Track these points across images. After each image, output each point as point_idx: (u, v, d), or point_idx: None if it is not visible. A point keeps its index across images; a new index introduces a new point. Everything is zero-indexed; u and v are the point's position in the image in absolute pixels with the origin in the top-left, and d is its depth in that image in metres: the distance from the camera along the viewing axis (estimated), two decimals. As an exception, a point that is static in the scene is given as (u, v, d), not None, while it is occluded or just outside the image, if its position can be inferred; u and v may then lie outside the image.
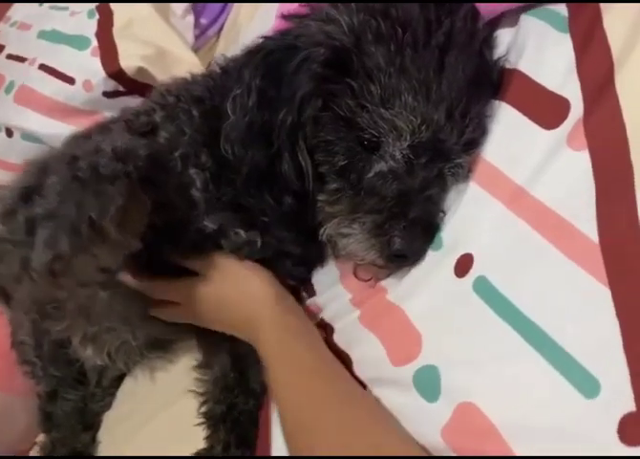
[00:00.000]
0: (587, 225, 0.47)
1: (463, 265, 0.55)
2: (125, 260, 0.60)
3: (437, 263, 0.58)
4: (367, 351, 0.60)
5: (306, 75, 0.58)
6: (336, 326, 0.67)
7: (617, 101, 0.49)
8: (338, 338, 0.66)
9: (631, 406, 0.40)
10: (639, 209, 0.43)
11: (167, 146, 0.66)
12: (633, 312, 0.42)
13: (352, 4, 0.60)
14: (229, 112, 0.62)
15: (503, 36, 0.63)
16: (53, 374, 0.89)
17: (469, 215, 0.56)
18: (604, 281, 0.44)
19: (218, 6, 1.30)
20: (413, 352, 0.55)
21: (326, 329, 0.68)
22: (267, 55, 0.61)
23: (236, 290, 0.68)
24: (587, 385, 0.43)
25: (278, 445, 0.65)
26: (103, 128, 0.73)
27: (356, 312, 0.64)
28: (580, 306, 0.46)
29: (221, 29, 1.30)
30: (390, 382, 0.57)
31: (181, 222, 0.66)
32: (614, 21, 0.53)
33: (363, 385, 0.60)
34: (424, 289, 0.58)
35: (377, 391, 0.58)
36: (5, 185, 0.55)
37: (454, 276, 0.55)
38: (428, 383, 0.53)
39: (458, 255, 0.56)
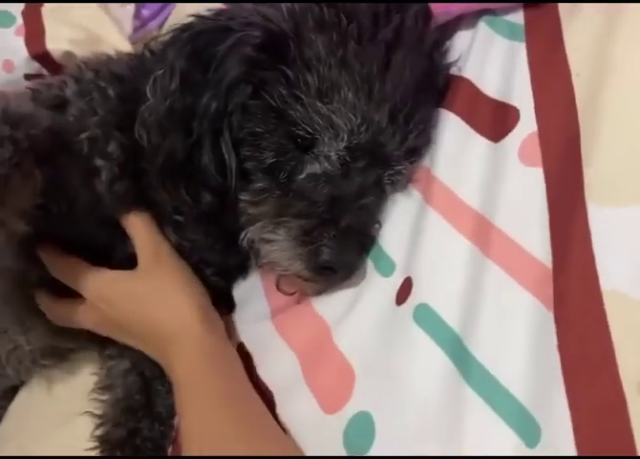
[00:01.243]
0: (543, 251, 0.43)
1: (403, 291, 0.50)
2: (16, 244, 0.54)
3: (381, 289, 0.53)
4: (295, 397, 0.54)
5: (236, 58, 0.52)
6: (255, 353, 0.61)
7: (575, 114, 0.45)
8: (260, 369, 0.59)
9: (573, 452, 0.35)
10: (592, 232, 0.40)
11: (75, 125, 0.59)
12: (574, 345, 0.38)
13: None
14: (148, 94, 0.55)
15: (457, 42, 0.61)
16: None
17: (433, 251, 0.51)
18: (549, 306, 0.40)
19: (162, -2, 1.24)
20: (344, 394, 0.50)
21: (246, 358, 0.61)
22: (196, 36, 0.55)
23: (163, 297, 0.62)
24: (529, 431, 0.38)
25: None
26: (3, 95, 0.66)
27: (280, 339, 0.59)
28: (520, 332, 0.42)
29: (163, 24, 1.23)
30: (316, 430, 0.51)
31: (83, 213, 0.60)
32: (574, 32, 0.50)
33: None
34: (361, 315, 0.53)
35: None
36: None
37: (394, 304, 0.51)
38: (361, 434, 0.47)
39: (402, 280, 0.51)
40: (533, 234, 0.44)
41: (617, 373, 0.34)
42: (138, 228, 0.63)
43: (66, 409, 0.75)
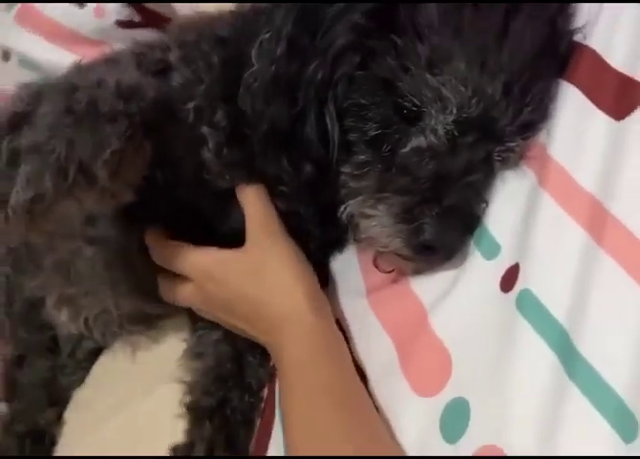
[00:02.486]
0: None
1: (509, 277, 0.56)
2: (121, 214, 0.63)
3: (483, 272, 0.59)
4: (388, 379, 0.61)
5: (345, 25, 0.59)
6: (350, 330, 0.68)
7: None
8: (356, 347, 0.67)
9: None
10: None
11: (180, 93, 0.68)
12: None
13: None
14: (253, 59, 0.63)
15: (585, 6, 0.64)
16: (22, 337, 0.93)
17: (545, 239, 0.55)
18: None
19: None
20: (440, 380, 0.56)
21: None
22: None
23: (273, 278, 0.68)
24: (628, 429, 0.44)
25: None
26: (110, 59, 0.75)
27: (375, 319, 0.66)
28: (630, 330, 0.47)
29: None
30: (411, 413, 0.58)
31: (188, 182, 0.68)
32: None
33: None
34: (460, 299, 0.59)
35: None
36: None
37: (498, 290, 0.56)
38: (455, 421, 0.54)
39: (508, 265, 0.57)
40: None
41: None
42: (251, 198, 0.70)
43: (150, 377, 0.86)
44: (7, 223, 0.51)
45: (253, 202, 0.70)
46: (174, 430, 0.77)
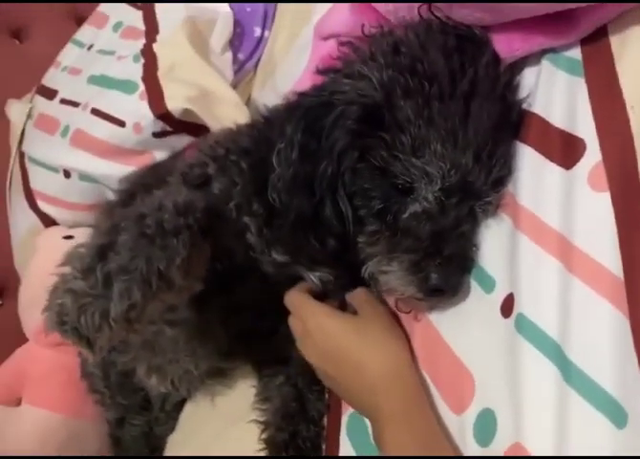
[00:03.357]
0: (615, 264, 0.51)
1: (507, 304, 0.60)
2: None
3: (486, 303, 0.63)
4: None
5: (342, 130, 0.64)
6: None
7: (632, 143, 0.54)
8: None
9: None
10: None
11: (222, 197, 0.73)
12: None
13: (381, 60, 0.66)
14: (275, 164, 0.68)
15: (525, 79, 0.68)
16: (120, 402, 0.98)
17: (528, 270, 0.59)
18: (626, 314, 0.49)
19: (253, 40, 1.37)
20: (467, 395, 0.60)
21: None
22: (306, 112, 0.67)
23: (376, 339, 0.68)
24: (618, 416, 0.47)
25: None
26: (161, 181, 0.80)
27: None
28: (605, 337, 0.50)
29: (257, 62, 1.37)
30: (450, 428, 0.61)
31: (242, 266, 0.73)
32: (626, 67, 0.57)
33: None
34: (472, 327, 0.63)
35: None
36: (82, 244, 0.63)
37: (500, 317, 0.60)
38: (486, 428, 0.57)
39: (504, 295, 0.61)
40: (607, 251, 0.52)
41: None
42: (357, 292, 0.73)
43: (227, 418, 0.90)
44: (111, 331, 0.57)
45: (359, 291, 0.73)
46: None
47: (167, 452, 0.98)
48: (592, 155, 0.57)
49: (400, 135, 0.62)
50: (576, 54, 0.63)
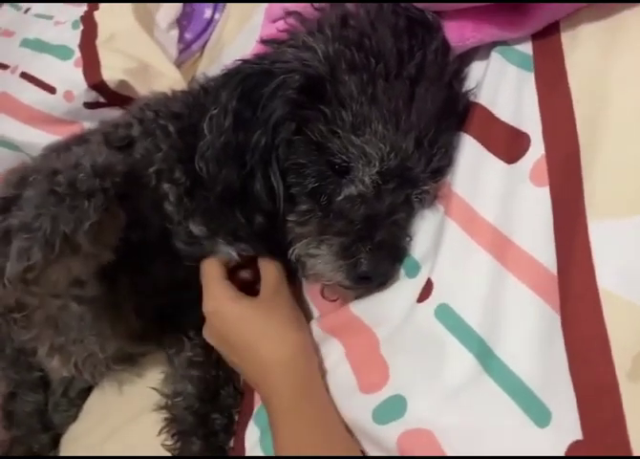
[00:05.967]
0: (549, 259, 0.50)
1: (425, 290, 0.58)
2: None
3: (405, 289, 0.61)
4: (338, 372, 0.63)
5: (281, 99, 0.60)
6: None
7: (577, 140, 0.52)
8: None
9: (578, 435, 0.42)
10: (592, 244, 0.46)
11: (143, 162, 0.68)
12: (577, 341, 0.45)
13: (329, 32, 0.63)
14: (205, 131, 0.64)
15: (473, 70, 0.67)
16: (12, 376, 0.91)
17: (452, 259, 0.58)
18: (556, 309, 0.47)
19: (202, 21, 1.33)
20: (381, 378, 0.58)
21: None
22: (244, 79, 0.63)
23: (274, 328, 0.66)
24: (539, 415, 0.45)
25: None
26: (82, 140, 0.75)
27: (327, 334, 0.67)
28: (534, 333, 0.49)
29: (205, 44, 1.33)
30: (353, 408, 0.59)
31: (158, 239, 0.68)
32: (574, 63, 0.56)
33: None
34: (391, 313, 0.61)
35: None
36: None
37: (415, 302, 0.58)
38: (391, 410, 0.55)
39: (424, 281, 0.59)
40: (542, 246, 0.51)
41: (612, 363, 0.41)
42: (270, 267, 0.71)
43: (136, 407, 0.84)
44: (4, 290, 0.51)
45: (271, 269, 0.71)
46: (162, 453, 0.76)
47: (68, 441, 0.91)
48: (536, 150, 0.55)
49: (341, 110, 0.60)
50: (527, 48, 0.62)
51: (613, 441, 0.40)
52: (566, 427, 0.43)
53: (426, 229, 0.63)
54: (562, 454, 0.42)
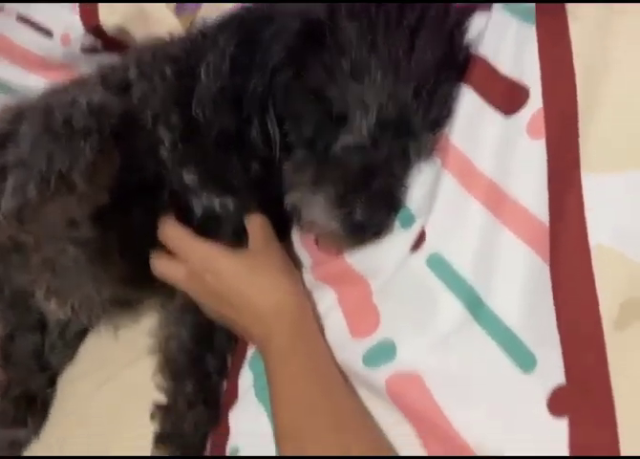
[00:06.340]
0: (542, 211, 0.50)
1: (418, 240, 0.58)
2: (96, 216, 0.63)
3: (400, 239, 0.61)
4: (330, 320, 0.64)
5: (279, 45, 0.60)
6: None
7: (575, 94, 0.51)
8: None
9: (562, 380, 0.43)
10: (585, 197, 0.46)
11: (139, 105, 0.67)
12: (565, 291, 0.45)
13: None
14: (203, 75, 0.63)
15: (475, 22, 0.65)
16: (10, 318, 0.91)
17: (446, 210, 0.58)
18: (546, 260, 0.48)
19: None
20: (371, 324, 0.58)
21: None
22: (243, 24, 0.63)
23: (267, 278, 0.66)
24: (525, 361, 0.46)
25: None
26: (79, 82, 0.74)
27: (320, 283, 0.67)
28: (524, 283, 0.49)
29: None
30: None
31: (152, 182, 0.68)
32: (577, 16, 0.55)
33: None
34: (384, 262, 0.61)
35: None
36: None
37: (409, 252, 0.58)
38: (380, 354, 0.56)
39: (418, 231, 0.59)
40: (536, 198, 0.51)
41: (599, 312, 0.42)
42: (258, 221, 0.70)
43: (131, 351, 0.85)
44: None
45: (259, 222, 0.70)
46: (157, 397, 0.77)
47: (65, 383, 0.92)
48: (534, 103, 0.55)
49: (340, 57, 0.59)
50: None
51: (595, 386, 0.40)
52: (551, 373, 0.44)
53: (422, 182, 0.63)
54: (545, 398, 0.43)
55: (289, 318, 0.63)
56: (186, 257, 0.69)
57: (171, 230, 0.70)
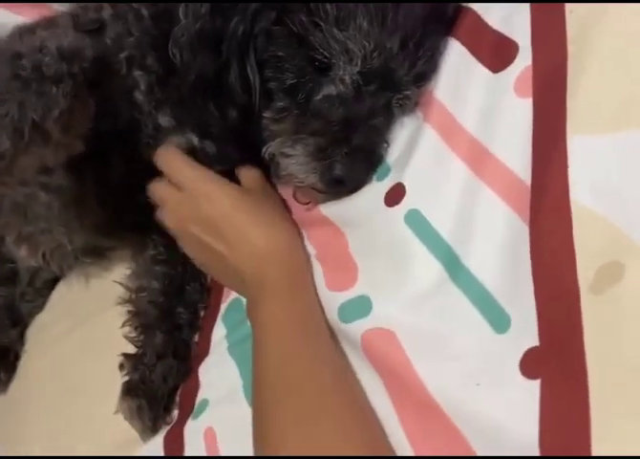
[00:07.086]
0: (525, 171, 0.49)
1: (394, 194, 0.57)
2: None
3: (373, 191, 0.60)
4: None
5: None
6: None
7: (565, 52, 0.50)
8: None
9: (535, 341, 0.43)
10: (569, 158, 0.45)
11: (113, 47, 0.64)
12: (543, 252, 0.44)
13: None
14: (181, 16, 0.60)
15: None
16: None
17: (426, 165, 0.56)
18: (526, 220, 0.47)
19: None
20: (349, 279, 0.57)
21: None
22: None
23: (264, 215, 0.64)
24: (500, 321, 0.46)
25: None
26: (50, 23, 0.71)
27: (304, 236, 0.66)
28: (502, 243, 0.48)
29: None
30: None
31: (127, 129, 0.66)
32: None
33: None
34: (356, 214, 0.60)
35: None
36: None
37: (383, 205, 0.57)
38: (356, 309, 0.55)
39: (392, 184, 0.58)
40: (519, 158, 0.50)
41: (576, 275, 0.41)
42: (251, 173, 0.68)
43: (101, 300, 0.84)
44: None
45: (252, 171, 0.68)
46: (126, 345, 0.76)
47: (31, 331, 0.91)
48: (523, 60, 0.53)
49: (325, 2, 0.56)
50: None
51: (568, 349, 0.40)
52: (524, 334, 0.43)
53: (402, 134, 0.61)
54: (518, 359, 0.43)
55: (288, 262, 0.61)
56: (183, 180, 0.66)
57: (171, 155, 0.67)
